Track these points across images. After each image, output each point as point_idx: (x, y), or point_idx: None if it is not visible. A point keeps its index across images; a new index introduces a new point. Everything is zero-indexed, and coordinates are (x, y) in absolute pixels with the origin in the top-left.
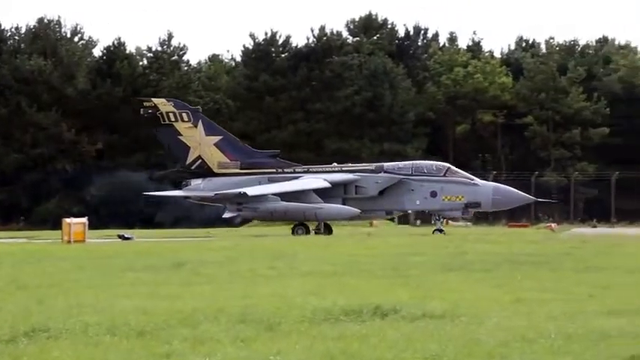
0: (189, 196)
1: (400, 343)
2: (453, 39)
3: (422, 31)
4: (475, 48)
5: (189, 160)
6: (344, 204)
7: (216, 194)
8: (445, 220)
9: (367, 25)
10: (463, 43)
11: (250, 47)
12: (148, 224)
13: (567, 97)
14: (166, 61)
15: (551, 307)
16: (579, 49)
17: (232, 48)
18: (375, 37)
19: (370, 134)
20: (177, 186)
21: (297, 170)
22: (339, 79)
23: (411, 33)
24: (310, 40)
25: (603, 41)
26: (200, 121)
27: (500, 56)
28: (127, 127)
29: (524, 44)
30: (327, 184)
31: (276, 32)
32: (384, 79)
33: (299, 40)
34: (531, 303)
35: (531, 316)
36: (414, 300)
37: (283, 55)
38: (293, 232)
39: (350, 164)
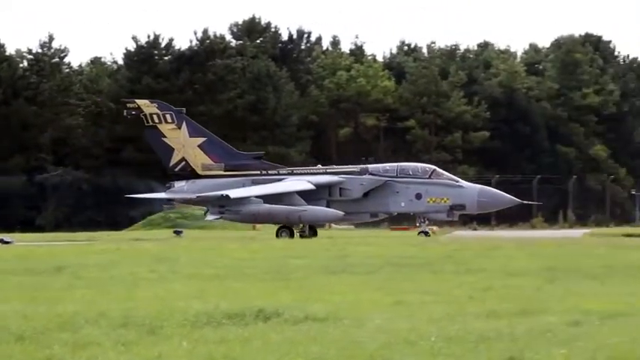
0: (172, 198)
1: (282, 346)
2: (335, 43)
3: (305, 35)
4: (358, 52)
5: (173, 161)
6: (328, 206)
7: (198, 196)
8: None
9: (251, 29)
10: (346, 47)
11: (133, 50)
12: (28, 227)
13: (448, 101)
14: (47, 63)
15: (432, 309)
16: (460, 53)
17: (114, 51)
18: (258, 41)
19: (253, 137)
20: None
21: (281, 172)
22: (222, 82)
23: (295, 37)
24: (193, 43)
25: (484, 46)
26: (184, 122)
27: (382, 60)
28: (5, 129)
29: (406, 48)
30: (311, 186)
31: (158, 35)
32: (268, 82)
33: (182, 43)
34: (412, 305)
35: (412, 318)
36: (297, 303)
37: (166, 58)
38: (277, 235)
39: (334, 166)
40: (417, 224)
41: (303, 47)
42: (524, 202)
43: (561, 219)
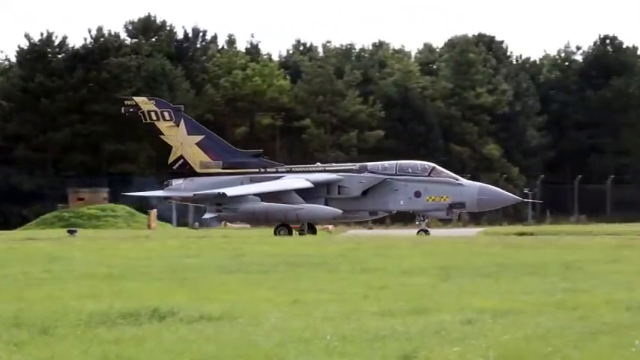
0: (170, 196)
1: (177, 346)
2: (231, 42)
3: (200, 34)
4: (253, 51)
5: (171, 159)
6: (326, 204)
7: (195, 194)
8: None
9: (146, 27)
10: (241, 45)
11: (25, 48)
12: None
13: (344, 100)
14: None
15: (328, 308)
16: (355, 52)
17: (7, 49)
18: (153, 39)
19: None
20: None
21: (279, 170)
22: (116, 80)
23: (190, 35)
24: (88, 41)
25: (378, 45)
26: (182, 119)
27: (278, 59)
28: None
29: (301, 47)
30: (309, 184)
31: (52, 33)
32: (163, 80)
33: (76, 41)
34: (308, 304)
35: (308, 317)
36: (192, 302)
37: (60, 56)
38: (275, 233)
39: (333, 164)
40: (417, 222)
41: (198, 46)
42: (524, 200)
43: (455, 218)
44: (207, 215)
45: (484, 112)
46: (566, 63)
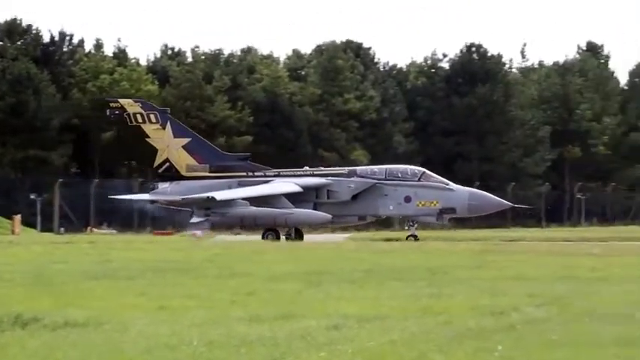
0: (156, 200)
1: (41, 352)
2: (99, 45)
3: (67, 37)
4: (121, 55)
5: (157, 162)
6: (315, 209)
7: (183, 198)
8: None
9: (11, 30)
10: (109, 50)
11: None
12: None
13: (213, 105)
14: None
15: (195, 313)
16: (224, 58)
17: None
18: (19, 43)
19: (14, 141)
20: None
21: (267, 174)
22: None
23: (57, 39)
24: None
25: (247, 51)
26: (168, 122)
27: (146, 64)
28: None
29: (170, 52)
30: (298, 189)
31: None
32: (28, 84)
33: None
34: (175, 310)
35: (175, 323)
36: (57, 308)
37: None
38: (263, 238)
39: (322, 168)
40: (406, 227)
41: (65, 50)
42: (515, 205)
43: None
44: (194, 219)
45: (352, 118)
46: (433, 70)
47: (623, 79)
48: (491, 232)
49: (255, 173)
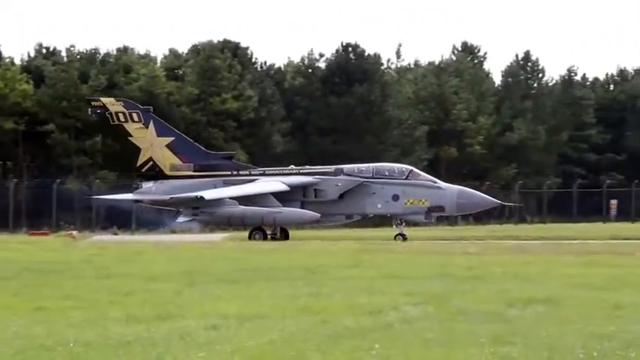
0: (140, 199)
1: None
2: None
3: None
4: None
5: (140, 161)
6: (302, 208)
7: (171, 198)
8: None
9: None
10: None
11: None
12: None
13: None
14: None
15: (72, 314)
16: (100, 57)
17: None
18: None
19: None
20: None
21: (252, 173)
22: None
23: None
24: None
25: (124, 50)
26: (151, 121)
27: (20, 63)
28: None
29: (44, 51)
30: (285, 187)
31: None
32: None
33: None
34: (51, 311)
35: (51, 324)
36: None
37: None
38: (250, 237)
39: (308, 167)
40: (394, 226)
41: None
42: (504, 203)
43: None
44: (181, 219)
45: (230, 118)
46: (310, 70)
47: (497, 79)
48: (368, 231)
49: (240, 172)
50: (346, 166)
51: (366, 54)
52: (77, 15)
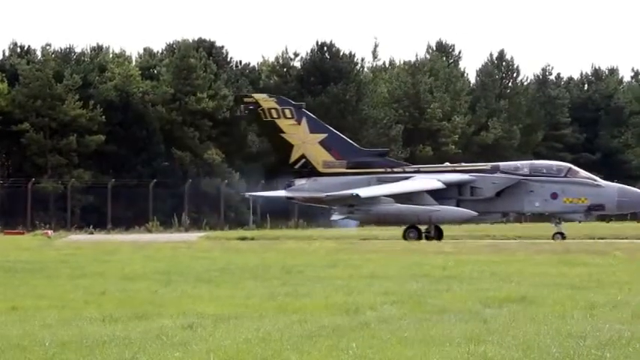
0: (293, 197)
1: None
2: None
3: None
4: None
5: (293, 158)
6: (458, 206)
7: (327, 196)
8: None
9: None
10: None
11: None
12: None
13: (63, 104)
14: None
15: (47, 314)
16: (75, 56)
17: None
18: None
19: None
20: None
21: (406, 170)
22: None
23: None
24: None
25: (98, 49)
26: (304, 117)
27: None
28: None
29: (19, 50)
30: (441, 185)
31: None
32: None
33: None
34: (27, 310)
35: (26, 323)
36: None
37: None
38: (404, 237)
39: (463, 164)
40: (553, 225)
41: None
42: None
43: (176, 222)
44: (336, 216)
45: (205, 117)
46: (285, 69)
47: (472, 78)
48: (345, 231)
49: (395, 169)
50: (502, 164)
51: (341, 53)
52: (52, 14)
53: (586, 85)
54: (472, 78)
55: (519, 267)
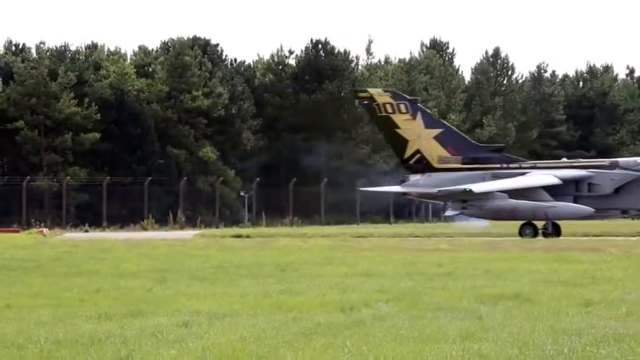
0: (407, 192)
1: None
2: None
3: None
4: None
5: (408, 154)
6: (575, 202)
7: (439, 191)
8: None
9: None
10: None
11: None
12: None
13: (58, 102)
14: None
15: (42, 312)
16: (70, 54)
17: None
18: None
19: None
20: None
21: (522, 166)
22: None
23: None
24: None
25: (93, 47)
26: (419, 112)
27: None
28: None
29: (14, 48)
30: (557, 181)
31: None
32: None
33: None
34: (22, 309)
35: (21, 321)
36: None
37: None
38: (520, 233)
39: (581, 159)
40: None
41: None
42: None
43: (172, 220)
44: (449, 212)
45: (200, 115)
46: (280, 67)
47: (467, 76)
48: (339, 229)
49: (510, 165)
50: (622, 160)
51: (336, 51)
52: (46, 11)
53: (581, 83)
54: (467, 76)
55: (514, 264)
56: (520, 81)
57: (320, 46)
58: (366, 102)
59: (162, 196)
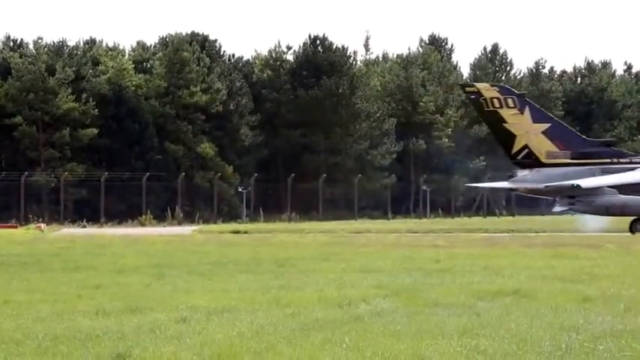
0: (515, 187)
1: None
2: None
3: None
4: None
5: (515, 149)
6: None
7: (546, 186)
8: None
9: None
10: None
11: None
12: None
13: (56, 97)
14: None
15: (40, 308)
16: (68, 50)
17: None
18: None
19: None
20: None
21: (633, 160)
22: None
23: None
24: None
25: (91, 43)
26: (527, 107)
27: None
28: None
29: (12, 44)
30: None
31: None
32: None
33: None
34: (20, 304)
35: (19, 317)
36: None
37: None
38: (631, 229)
39: None
40: None
41: None
42: None
43: (170, 216)
44: (557, 208)
45: (198, 111)
46: (278, 63)
47: (465, 71)
48: (337, 224)
49: (621, 160)
50: None
51: (334, 47)
52: (44, 7)
53: (579, 79)
54: (465, 71)
55: (512, 260)
56: (519, 77)
57: (318, 41)
58: (472, 97)
59: (160, 192)
